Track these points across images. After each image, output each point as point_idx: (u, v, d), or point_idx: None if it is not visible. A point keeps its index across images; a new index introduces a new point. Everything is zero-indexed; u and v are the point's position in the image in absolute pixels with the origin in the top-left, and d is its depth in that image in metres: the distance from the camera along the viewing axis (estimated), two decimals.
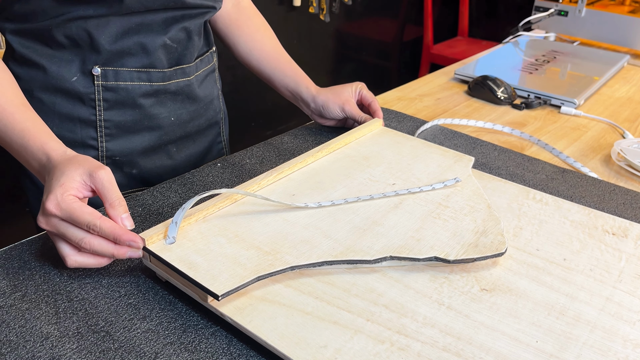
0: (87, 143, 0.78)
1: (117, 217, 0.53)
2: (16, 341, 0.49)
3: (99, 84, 0.75)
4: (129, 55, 0.75)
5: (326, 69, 2.73)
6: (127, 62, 0.75)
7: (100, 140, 0.78)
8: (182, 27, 0.78)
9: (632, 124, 1.02)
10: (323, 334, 0.47)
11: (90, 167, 0.55)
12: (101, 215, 0.52)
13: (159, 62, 0.78)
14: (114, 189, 0.54)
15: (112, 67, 0.75)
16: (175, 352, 0.48)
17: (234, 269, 0.51)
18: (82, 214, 0.52)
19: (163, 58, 0.78)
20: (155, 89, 0.79)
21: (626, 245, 0.60)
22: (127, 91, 0.77)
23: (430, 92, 1.13)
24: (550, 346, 0.47)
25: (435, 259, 0.55)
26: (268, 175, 0.66)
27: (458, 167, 0.71)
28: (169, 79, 0.80)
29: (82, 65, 0.74)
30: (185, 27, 0.78)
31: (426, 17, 2.83)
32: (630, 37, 1.43)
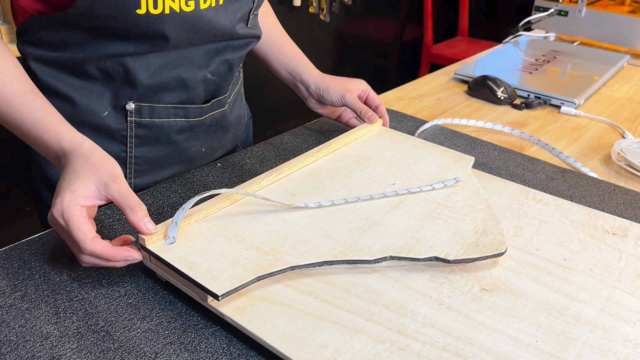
0: None
1: (139, 222, 0.53)
2: (16, 341, 0.49)
3: (132, 120, 0.70)
4: (166, 90, 0.70)
5: (326, 69, 2.71)
6: (163, 97, 0.71)
7: (129, 177, 0.74)
8: (224, 59, 0.73)
9: (632, 124, 1.02)
10: (323, 334, 0.47)
11: (106, 176, 0.53)
12: (93, 237, 0.51)
13: (197, 97, 0.74)
14: (131, 196, 0.54)
15: (148, 103, 0.70)
16: (175, 352, 0.48)
17: (234, 269, 0.51)
18: (77, 231, 0.50)
19: (201, 92, 0.74)
20: (192, 124, 0.75)
21: (626, 245, 0.60)
22: (161, 128, 0.72)
23: (430, 92, 1.13)
24: (550, 346, 0.47)
25: (435, 259, 0.55)
26: (268, 175, 0.66)
27: (458, 167, 0.71)
28: (205, 113, 0.76)
29: (114, 99, 0.69)
30: (227, 60, 0.74)
31: (426, 17, 2.83)
32: (630, 37, 1.43)
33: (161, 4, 0.61)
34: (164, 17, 0.62)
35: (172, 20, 0.63)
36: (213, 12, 0.66)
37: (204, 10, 0.65)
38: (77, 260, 0.58)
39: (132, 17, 0.61)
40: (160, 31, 0.63)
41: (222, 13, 0.68)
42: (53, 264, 0.58)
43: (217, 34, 0.69)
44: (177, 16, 0.63)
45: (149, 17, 0.61)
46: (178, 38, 0.65)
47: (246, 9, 0.71)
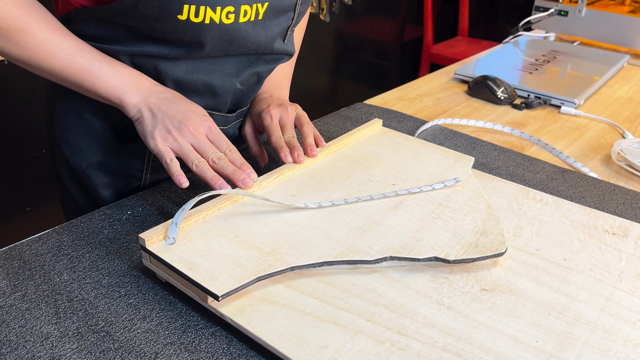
0: (131, 174, 0.76)
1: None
2: (16, 341, 0.49)
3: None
4: (194, 94, 0.71)
5: (326, 69, 2.73)
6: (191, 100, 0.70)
7: (145, 172, 0.76)
8: (254, 71, 0.74)
9: (632, 124, 1.02)
10: (323, 335, 0.47)
11: None
12: None
13: (224, 105, 0.75)
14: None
15: None
16: (175, 352, 0.48)
17: (234, 270, 0.51)
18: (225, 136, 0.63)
19: (229, 101, 0.75)
20: None
21: (626, 245, 0.60)
22: None
23: (430, 92, 1.13)
24: (551, 346, 0.47)
25: (435, 259, 0.55)
26: (268, 176, 0.66)
27: (458, 167, 0.71)
28: (230, 122, 0.77)
29: None
30: (257, 72, 0.75)
31: (426, 17, 2.83)
32: (630, 37, 1.43)
33: (202, 13, 0.61)
34: (203, 26, 0.62)
35: (211, 30, 0.63)
36: (251, 27, 0.67)
37: (243, 24, 0.65)
38: (77, 261, 0.58)
39: (173, 22, 0.61)
40: (197, 39, 0.64)
41: (260, 28, 0.68)
42: (53, 264, 0.58)
43: (252, 48, 0.69)
44: (215, 27, 0.63)
45: (189, 24, 0.62)
46: (213, 47, 0.66)
47: (284, 26, 0.71)
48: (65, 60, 0.62)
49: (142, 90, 0.64)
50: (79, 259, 0.58)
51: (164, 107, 0.63)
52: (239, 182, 0.61)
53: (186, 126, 0.61)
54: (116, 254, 0.59)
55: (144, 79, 0.66)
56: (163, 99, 0.64)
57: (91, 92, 0.65)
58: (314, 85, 2.70)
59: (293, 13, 0.71)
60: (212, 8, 0.61)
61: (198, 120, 0.63)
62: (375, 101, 1.06)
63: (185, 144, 0.61)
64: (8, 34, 0.60)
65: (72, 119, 0.72)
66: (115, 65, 0.64)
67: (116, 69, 0.64)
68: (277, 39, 0.72)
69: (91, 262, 0.58)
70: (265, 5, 0.66)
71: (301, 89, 2.47)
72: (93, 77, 0.63)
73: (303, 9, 0.72)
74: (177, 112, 0.63)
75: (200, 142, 0.62)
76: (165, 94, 0.65)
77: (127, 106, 0.64)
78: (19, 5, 0.60)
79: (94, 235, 0.62)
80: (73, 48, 0.63)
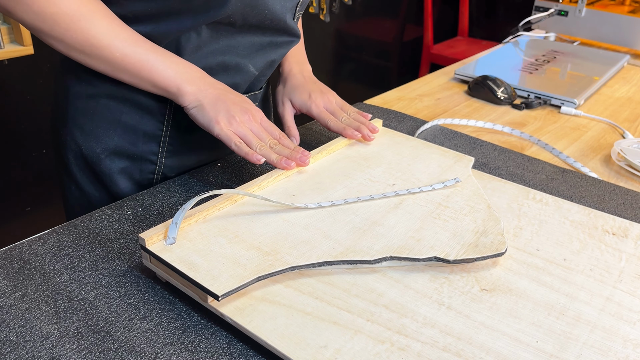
0: (147, 157, 0.76)
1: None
2: (16, 341, 0.49)
3: (173, 102, 0.72)
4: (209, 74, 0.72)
5: (326, 69, 2.73)
6: None
7: (160, 156, 0.76)
8: (266, 54, 0.76)
9: (632, 124, 1.02)
10: (323, 334, 0.47)
11: None
12: None
13: (236, 86, 0.76)
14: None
15: None
16: (175, 352, 0.48)
17: (234, 270, 0.51)
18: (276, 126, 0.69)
19: (241, 82, 0.77)
20: None
21: (626, 245, 0.60)
22: None
23: (430, 92, 1.13)
24: (551, 346, 0.47)
25: (435, 259, 0.55)
26: (268, 176, 0.66)
27: (458, 167, 0.71)
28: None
29: None
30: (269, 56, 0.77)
31: (426, 17, 2.83)
32: (630, 37, 1.43)
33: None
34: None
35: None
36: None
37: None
38: (77, 261, 0.58)
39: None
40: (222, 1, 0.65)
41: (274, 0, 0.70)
42: (53, 264, 0.58)
43: (268, 17, 0.71)
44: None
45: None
46: (235, 10, 0.67)
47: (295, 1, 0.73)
48: (124, 49, 0.64)
49: (198, 80, 0.67)
50: (79, 259, 0.58)
51: (223, 96, 0.67)
52: (297, 161, 0.66)
53: (246, 114, 0.67)
54: (116, 254, 0.59)
55: (196, 69, 0.68)
56: (218, 88, 0.68)
57: (148, 82, 0.66)
58: None
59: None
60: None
61: (255, 110, 0.68)
62: (375, 101, 1.07)
63: (247, 129, 0.66)
64: (73, 21, 0.61)
65: (88, 105, 0.73)
66: (169, 56, 0.67)
67: (171, 59, 0.67)
68: (288, 13, 0.73)
69: (91, 262, 0.58)
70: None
71: None
72: (151, 67, 0.65)
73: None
74: (235, 101, 0.67)
75: (258, 129, 0.67)
76: (219, 84, 0.69)
77: (186, 94, 0.66)
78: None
79: (94, 235, 0.62)
80: (131, 38, 0.65)
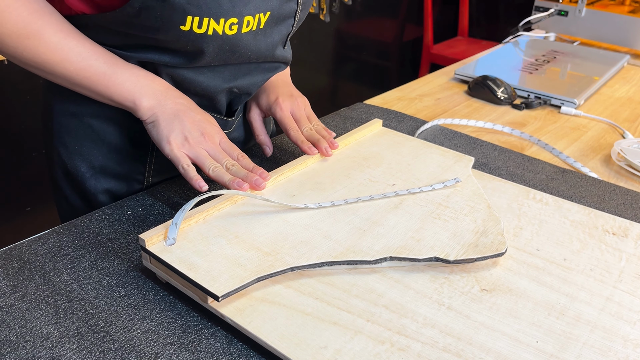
0: (133, 177, 0.75)
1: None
2: (16, 341, 0.49)
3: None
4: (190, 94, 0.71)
5: (326, 69, 2.73)
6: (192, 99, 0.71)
7: (147, 175, 0.75)
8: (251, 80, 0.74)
9: (632, 124, 1.02)
10: (323, 335, 0.47)
11: None
12: None
13: (221, 105, 0.75)
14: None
15: None
16: (175, 352, 0.48)
17: (234, 270, 0.51)
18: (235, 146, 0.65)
19: (224, 101, 0.75)
20: None
21: (626, 245, 0.60)
22: None
23: (430, 92, 1.13)
24: (551, 346, 0.47)
25: (435, 259, 0.55)
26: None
27: (458, 167, 0.71)
28: (230, 127, 0.78)
29: None
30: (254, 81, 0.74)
31: (426, 17, 2.83)
32: (630, 37, 1.43)
33: (205, 25, 0.61)
34: (205, 37, 0.62)
35: (213, 41, 0.63)
36: (252, 36, 0.66)
37: (244, 34, 0.65)
38: (77, 261, 0.58)
39: (175, 32, 0.61)
40: (199, 49, 0.63)
41: (261, 37, 0.67)
42: (53, 264, 0.58)
43: (252, 57, 0.69)
44: (218, 38, 0.63)
45: (191, 34, 0.61)
46: (214, 57, 0.66)
47: (285, 33, 0.71)
48: (79, 64, 0.62)
49: (158, 94, 0.64)
50: (79, 259, 0.58)
51: (181, 114, 0.64)
52: (252, 183, 0.62)
53: (203, 134, 0.63)
54: (116, 254, 0.59)
55: (159, 82, 0.66)
56: (179, 104, 0.65)
57: (105, 97, 0.64)
58: (314, 85, 2.70)
59: (293, 20, 0.71)
60: (216, 20, 0.61)
61: (214, 129, 0.65)
62: (375, 101, 1.06)
63: (202, 150, 0.62)
64: (20, 40, 0.59)
65: (72, 123, 0.72)
66: (130, 68, 0.64)
67: (131, 71, 0.64)
68: (277, 46, 0.72)
69: (91, 262, 0.58)
70: (267, 14, 0.65)
71: (301, 89, 2.46)
72: (107, 81, 0.63)
73: (303, 15, 0.72)
74: (195, 119, 0.64)
75: (215, 150, 0.63)
76: (181, 99, 0.66)
77: (142, 109, 0.64)
78: (30, 9, 0.59)
79: (94, 235, 0.62)
80: (88, 52, 0.62)
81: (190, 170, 0.61)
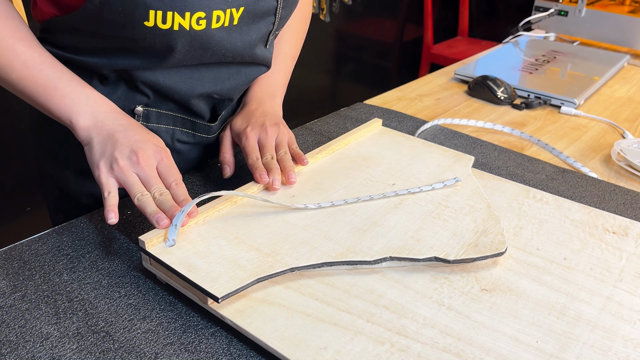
0: None
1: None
2: (16, 341, 0.49)
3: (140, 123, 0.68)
4: (173, 101, 0.70)
5: (326, 69, 2.73)
6: (170, 105, 0.71)
7: None
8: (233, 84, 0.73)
9: (632, 124, 1.02)
10: (323, 336, 0.47)
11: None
12: None
13: (203, 112, 0.73)
14: None
15: (156, 109, 0.70)
16: (175, 352, 0.48)
17: (233, 271, 0.51)
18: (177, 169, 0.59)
19: (207, 108, 0.74)
20: (199, 140, 0.76)
21: (627, 244, 0.60)
22: (167, 134, 0.73)
23: (430, 92, 1.13)
24: (551, 346, 0.47)
25: (435, 259, 0.55)
26: None
27: (458, 167, 0.71)
28: (214, 132, 0.76)
29: (125, 101, 0.69)
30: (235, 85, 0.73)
31: (426, 17, 2.83)
32: (630, 37, 1.43)
33: (170, 20, 0.59)
34: (172, 32, 0.61)
35: (181, 37, 0.61)
36: (225, 33, 0.64)
37: (216, 30, 0.63)
38: (77, 261, 0.58)
39: (140, 28, 0.60)
40: (167, 45, 0.62)
41: (237, 34, 0.65)
42: (53, 264, 0.58)
43: (228, 55, 0.67)
44: (186, 34, 0.61)
45: (157, 30, 0.60)
46: (185, 54, 0.64)
47: (265, 31, 0.69)
48: (22, 72, 0.60)
49: (98, 114, 0.61)
50: (79, 259, 0.58)
51: (117, 135, 0.60)
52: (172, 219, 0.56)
53: (136, 155, 0.58)
54: (116, 254, 0.59)
55: (103, 102, 0.63)
56: (118, 125, 0.61)
57: (45, 109, 0.62)
58: (314, 85, 2.70)
59: (274, 17, 0.69)
60: (181, 14, 0.59)
61: (151, 150, 0.59)
62: (375, 101, 1.06)
63: (131, 175, 0.58)
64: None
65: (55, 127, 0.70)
66: (75, 85, 0.61)
67: (75, 88, 0.61)
68: (257, 45, 0.70)
69: (91, 262, 0.58)
70: (240, 10, 0.63)
71: (301, 89, 2.46)
72: (47, 94, 0.60)
73: (286, 12, 0.70)
74: (131, 140, 0.59)
75: (147, 174, 0.58)
76: (121, 120, 0.62)
77: (78, 129, 0.60)
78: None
79: (94, 235, 0.62)
80: (34, 60, 0.60)
81: (109, 199, 0.57)
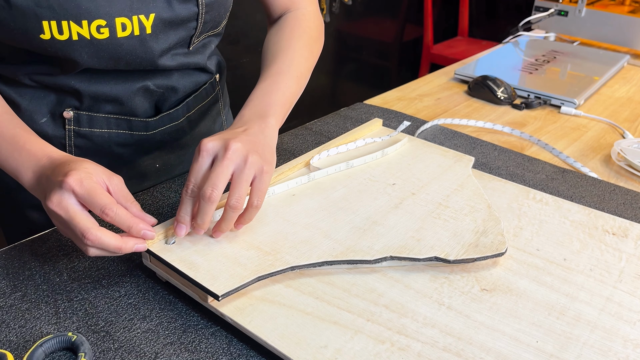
0: None
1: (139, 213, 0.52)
2: (16, 341, 0.49)
3: (71, 128, 0.66)
4: (105, 101, 0.66)
5: (326, 69, 2.73)
6: (104, 107, 0.66)
7: None
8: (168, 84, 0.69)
9: (632, 124, 1.02)
10: (323, 334, 0.47)
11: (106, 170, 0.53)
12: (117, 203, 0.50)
13: (140, 108, 0.68)
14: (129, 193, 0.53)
15: (87, 112, 0.66)
16: (175, 352, 0.48)
17: (234, 269, 0.51)
18: (101, 196, 0.48)
19: (146, 104, 0.69)
20: (137, 138, 0.70)
21: (626, 245, 0.60)
22: (102, 139, 0.68)
23: (430, 92, 1.13)
24: (551, 346, 0.47)
25: (435, 259, 0.55)
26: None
27: (458, 167, 0.71)
28: (153, 128, 0.71)
29: (54, 105, 0.65)
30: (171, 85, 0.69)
31: (426, 17, 2.83)
32: (630, 37, 1.43)
33: (67, 30, 0.56)
34: (72, 42, 0.57)
35: (84, 47, 0.58)
36: (136, 41, 0.61)
37: (123, 39, 0.59)
38: (77, 261, 0.58)
39: (37, 42, 0.57)
40: (70, 57, 0.59)
41: (151, 42, 0.62)
42: (53, 264, 0.58)
43: (146, 64, 0.63)
44: (88, 43, 0.58)
45: (55, 42, 0.57)
46: (97, 63, 0.60)
47: (185, 36, 0.65)
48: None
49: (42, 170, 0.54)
50: (79, 259, 0.58)
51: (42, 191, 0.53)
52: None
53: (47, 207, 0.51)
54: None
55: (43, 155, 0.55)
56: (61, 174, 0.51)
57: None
58: (314, 85, 2.69)
59: (196, 22, 0.65)
60: (77, 22, 0.56)
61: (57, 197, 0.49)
62: (375, 101, 1.06)
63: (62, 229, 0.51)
64: None
65: None
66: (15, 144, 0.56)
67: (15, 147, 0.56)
68: (177, 49, 0.66)
69: (91, 262, 0.58)
70: (151, 17, 0.60)
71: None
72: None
73: (211, 16, 0.66)
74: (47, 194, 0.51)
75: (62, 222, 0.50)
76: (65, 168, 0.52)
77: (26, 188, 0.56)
78: None
79: None
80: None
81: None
